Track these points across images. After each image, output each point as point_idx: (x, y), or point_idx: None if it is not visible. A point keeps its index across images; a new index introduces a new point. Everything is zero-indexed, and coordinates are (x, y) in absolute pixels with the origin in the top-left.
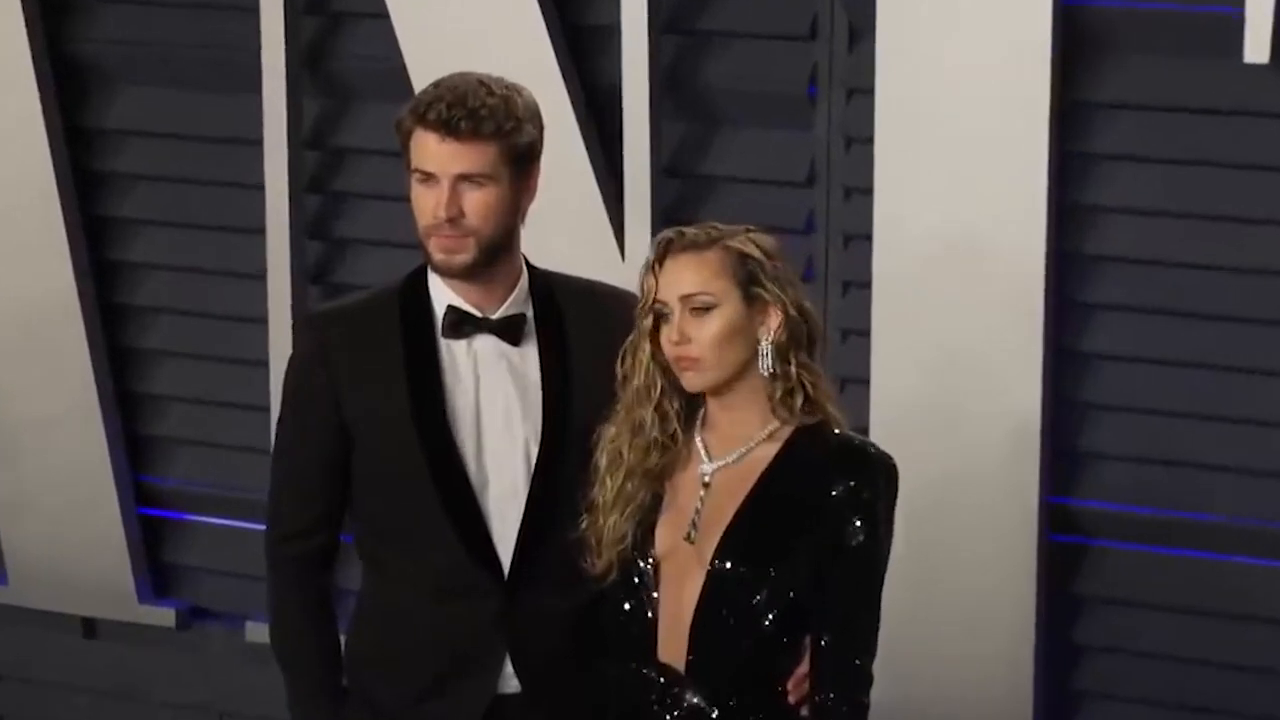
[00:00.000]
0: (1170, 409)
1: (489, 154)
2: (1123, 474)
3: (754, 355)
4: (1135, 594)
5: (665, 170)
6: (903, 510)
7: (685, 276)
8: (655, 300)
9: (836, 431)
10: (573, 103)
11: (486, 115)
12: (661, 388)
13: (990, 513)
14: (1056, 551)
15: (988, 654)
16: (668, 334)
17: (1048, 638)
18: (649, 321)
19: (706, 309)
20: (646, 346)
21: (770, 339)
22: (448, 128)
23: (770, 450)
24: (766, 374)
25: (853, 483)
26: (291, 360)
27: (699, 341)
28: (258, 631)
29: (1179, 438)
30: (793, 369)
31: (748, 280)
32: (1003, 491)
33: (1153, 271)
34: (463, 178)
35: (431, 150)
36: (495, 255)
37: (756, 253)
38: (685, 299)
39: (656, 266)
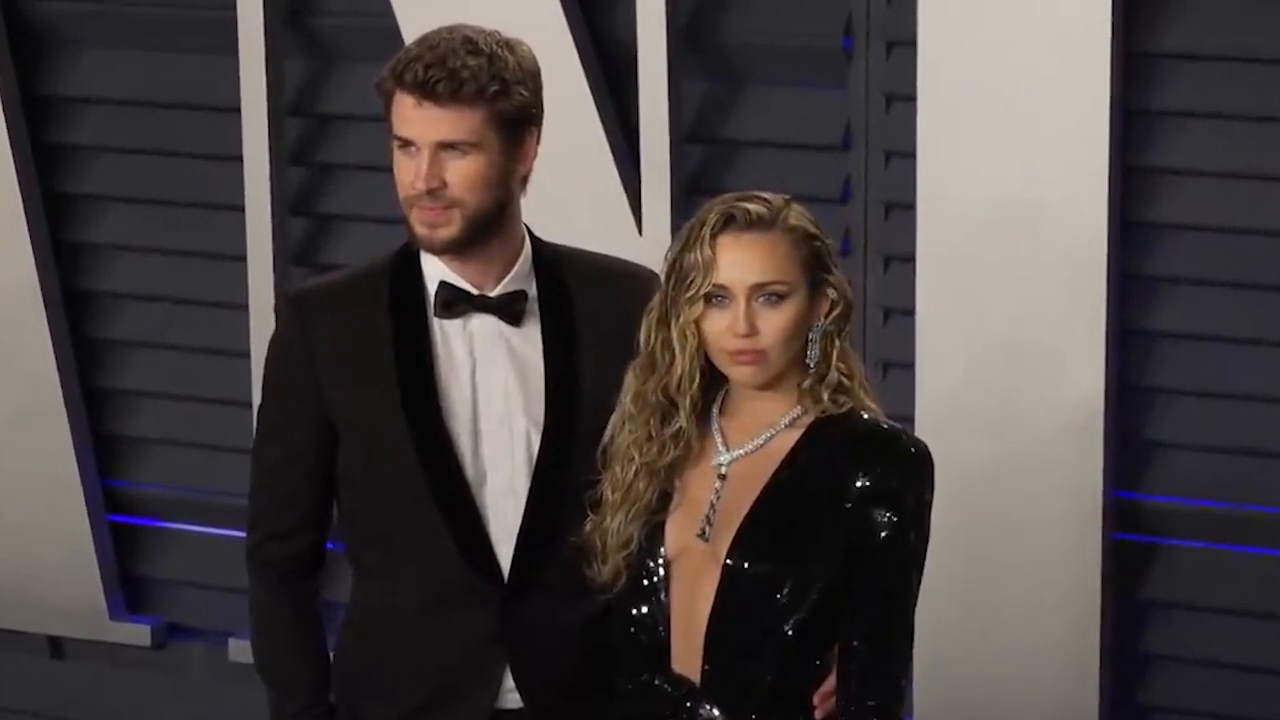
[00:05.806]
0: (1247, 393)
1: (472, 119)
2: (1195, 466)
3: (804, 344)
4: (1209, 598)
5: (686, 135)
6: (952, 509)
7: (758, 262)
8: (715, 285)
9: (865, 417)
10: (583, 61)
11: (468, 77)
12: (698, 379)
13: (1048, 510)
14: (1122, 552)
15: (1047, 666)
16: (726, 323)
17: (1113, 647)
18: (700, 307)
19: (779, 299)
20: (695, 332)
21: (820, 327)
22: (424, 90)
23: (792, 437)
24: (811, 364)
25: (879, 470)
26: (271, 343)
27: (767, 334)
28: (241, 650)
29: (1257, 425)
30: (834, 356)
31: (814, 265)
32: (1062, 487)
33: (1227, 241)
34: (444, 145)
35: (409, 115)
36: (485, 229)
37: (817, 231)
38: (757, 288)
39: (713, 243)
